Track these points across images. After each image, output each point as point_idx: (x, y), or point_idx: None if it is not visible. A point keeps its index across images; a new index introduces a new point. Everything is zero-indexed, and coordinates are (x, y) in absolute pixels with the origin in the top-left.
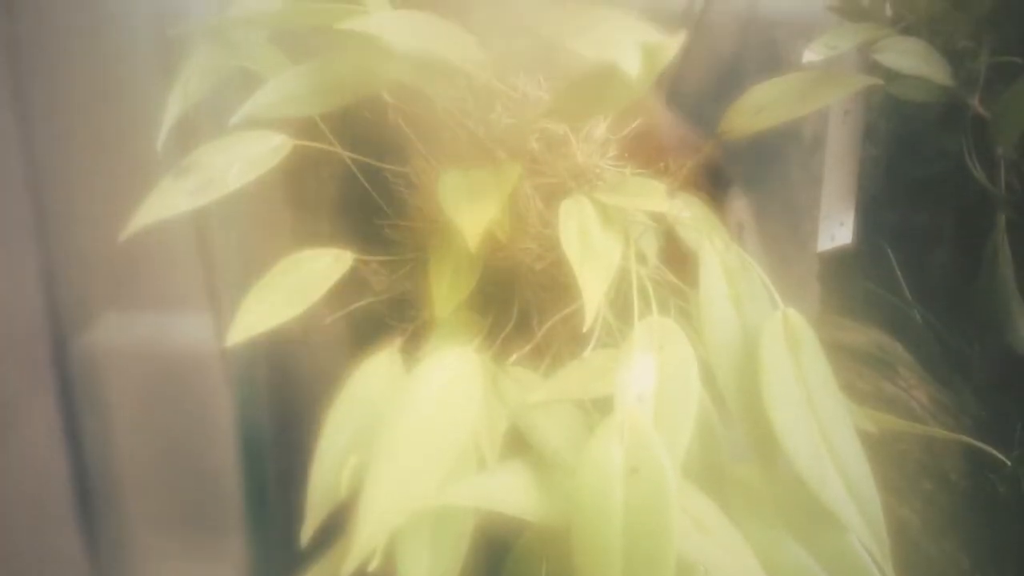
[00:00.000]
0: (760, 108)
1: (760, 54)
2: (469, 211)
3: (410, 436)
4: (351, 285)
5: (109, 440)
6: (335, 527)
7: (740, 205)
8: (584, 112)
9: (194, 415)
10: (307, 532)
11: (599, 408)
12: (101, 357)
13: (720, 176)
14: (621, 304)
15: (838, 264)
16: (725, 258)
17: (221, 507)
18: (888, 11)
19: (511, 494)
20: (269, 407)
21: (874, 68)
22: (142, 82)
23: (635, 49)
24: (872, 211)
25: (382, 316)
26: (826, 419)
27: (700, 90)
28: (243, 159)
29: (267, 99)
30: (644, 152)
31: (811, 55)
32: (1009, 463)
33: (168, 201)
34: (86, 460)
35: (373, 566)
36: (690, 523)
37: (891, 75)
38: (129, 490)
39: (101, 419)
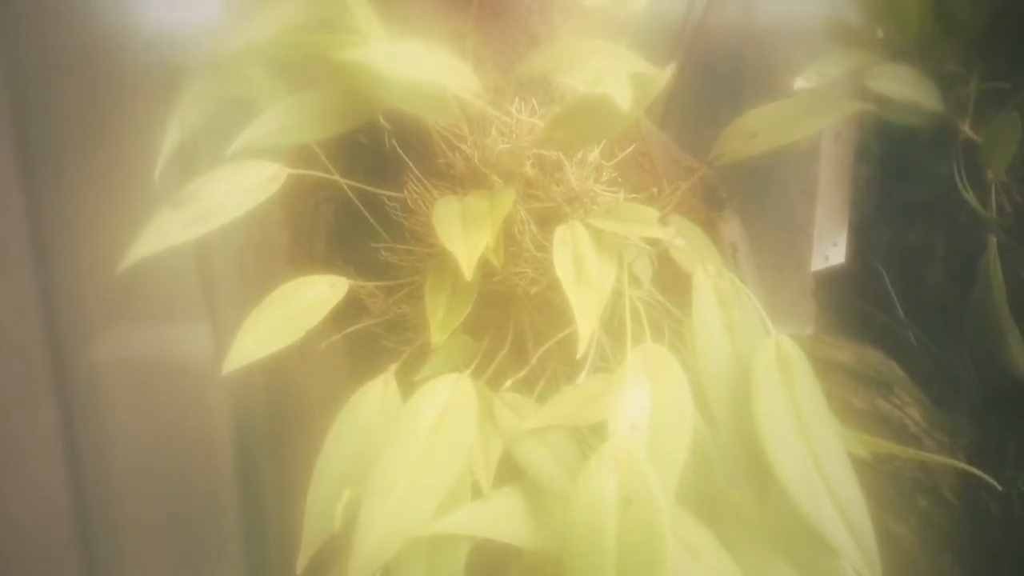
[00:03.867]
0: (753, 134)
1: (754, 74)
2: (464, 241)
3: (406, 464)
4: (348, 307)
5: (108, 453)
6: (331, 554)
7: (734, 226)
8: (577, 141)
9: (192, 429)
10: (303, 561)
11: (594, 432)
12: (100, 372)
13: (714, 197)
14: (616, 327)
15: (832, 283)
16: (718, 284)
17: (218, 521)
18: (879, 34)
19: (505, 522)
20: (267, 422)
21: (865, 91)
22: (140, 112)
23: (626, 81)
24: (865, 231)
25: (379, 338)
26: (819, 445)
27: (695, 111)
28: (240, 189)
29: (264, 128)
30: (638, 176)
31: (802, 83)
32: (1000, 487)
33: (165, 233)
34: (85, 473)
35: None
36: (683, 551)
37: (882, 100)
38: (127, 502)
39: (100, 433)
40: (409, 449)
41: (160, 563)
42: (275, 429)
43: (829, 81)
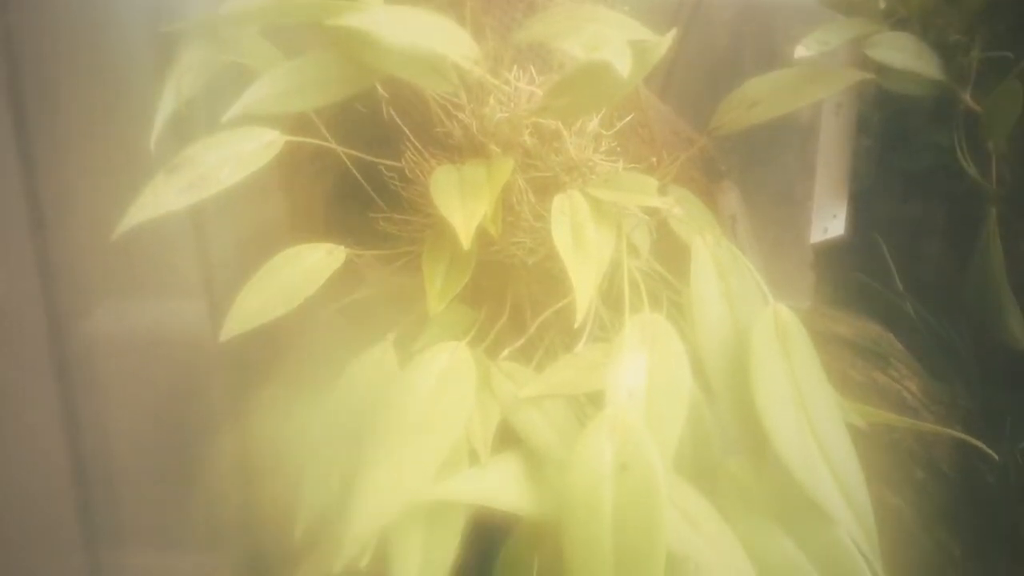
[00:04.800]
0: (753, 103)
1: (756, 45)
2: (462, 209)
3: (403, 431)
4: (346, 277)
5: (106, 427)
6: (329, 520)
7: (733, 197)
8: (575, 110)
9: (188, 396)
10: (300, 526)
11: (592, 401)
12: (98, 345)
13: (713, 169)
14: (614, 297)
15: (831, 256)
16: (717, 254)
17: (215, 487)
18: (881, 5)
19: (503, 489)
20: (263, 388)
21: (867, 62)
22: (137, 77)
23: (626, 47)
24: (865, 203)
25: (376, 308)
26: (816, 414)
27: (695, 82)
28: (236, 156)
29: (260, 95)
30: (637, 146)
31: (803, 51)
32: (997, 456)
33: (160, 199)
34: (84, 447)
35: (364, 562)
36: (680, 518)
37: (883, 69)
38: (126, 476)
39: (98, 406)
40: (407, 416)
41: (160, 534)
42: (273, 402)
43: (830, 50)
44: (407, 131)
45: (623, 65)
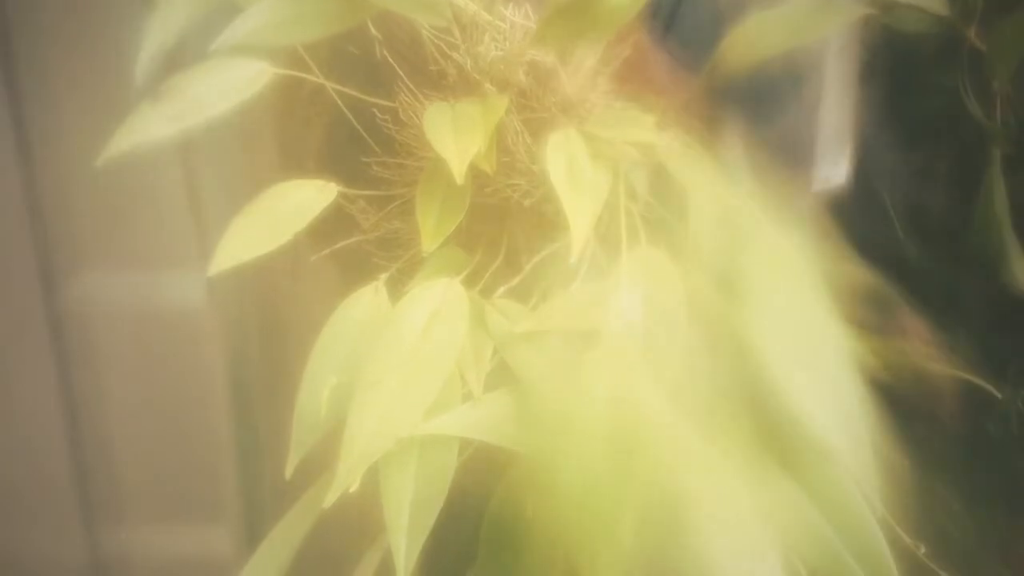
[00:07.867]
0: (754, 41)
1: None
2: (455, 144)
3: (396, 365)
4: (339, 224)
5: (101, 394)
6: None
7: (733, 146)
8: (571, 38)
9: (184, 367)
10: (291, 464)
11: (586, 341)
12: (92, 313)
13: (713, 117)
14: (611, 241)
15: (833, 203)
16: (715, 188)
17: (212, 458)
18: None
19: (496, 424)
20: (259, 358)
21: None
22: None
23: None
24: (868, 149)
25: (370, 255)
26: (818, 349)
27: (697, 32)
28: (222, 85)
29: (249, 26)
30: (635, 88)
31: None
32: (1000, 396)
33: (146, 127)
34: (78, 414)
35: (353, 488)
36: (676, 452)
37: (887, 5)
38: (120, 443)
39: (92, 374)
40: (399, 350)
41: (155, 499)
42: (268, 365)
43: None
44: (400, 72)
45: None
